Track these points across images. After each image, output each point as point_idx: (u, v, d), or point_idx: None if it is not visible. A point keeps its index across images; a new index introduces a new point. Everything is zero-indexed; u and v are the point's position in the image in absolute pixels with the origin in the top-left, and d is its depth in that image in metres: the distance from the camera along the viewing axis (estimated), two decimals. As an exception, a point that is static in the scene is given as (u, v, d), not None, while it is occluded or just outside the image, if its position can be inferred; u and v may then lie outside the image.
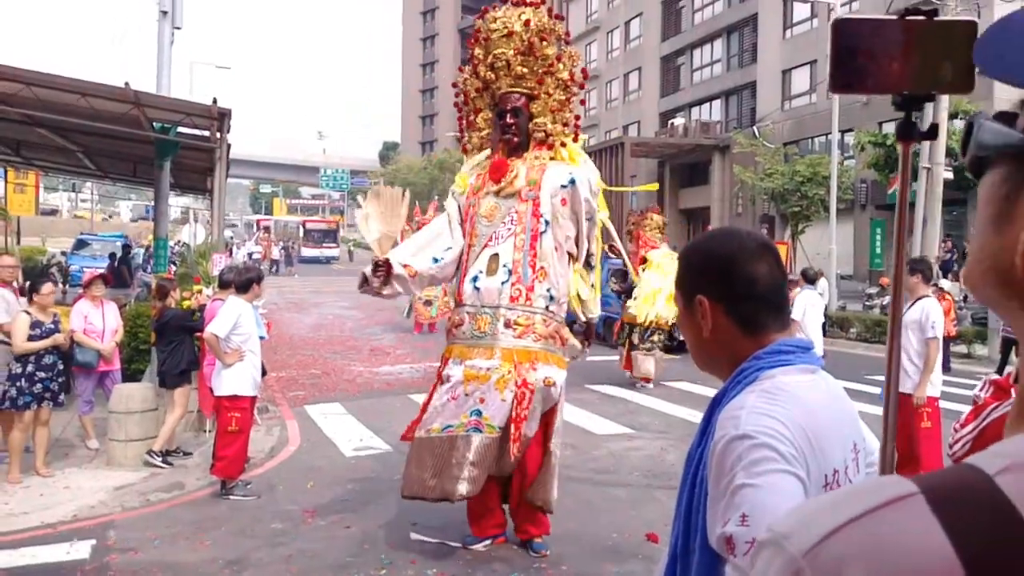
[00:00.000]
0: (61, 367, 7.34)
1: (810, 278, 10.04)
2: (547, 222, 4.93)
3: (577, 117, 5.29)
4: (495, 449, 4.82)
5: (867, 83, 1.18)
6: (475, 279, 4.88)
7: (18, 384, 7.01)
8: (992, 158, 0.61)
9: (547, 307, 4.90)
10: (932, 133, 1.20)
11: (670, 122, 40.13)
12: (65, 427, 8.37)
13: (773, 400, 1.37)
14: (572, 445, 8.41)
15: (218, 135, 9.96)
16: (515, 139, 5.02)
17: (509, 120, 4.97)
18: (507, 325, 4.80)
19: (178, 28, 11.96)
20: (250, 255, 44.91)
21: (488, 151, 5.38)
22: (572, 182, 5.01)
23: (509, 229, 4.89)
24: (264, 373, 7.66)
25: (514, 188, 4.92)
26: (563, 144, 5.18)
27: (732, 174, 31.12)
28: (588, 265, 5.19)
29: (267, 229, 58.34)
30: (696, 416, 2.49)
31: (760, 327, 1.50)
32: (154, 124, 10.33)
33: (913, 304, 6.57)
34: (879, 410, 5.59)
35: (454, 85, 5.41)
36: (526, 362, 4.80)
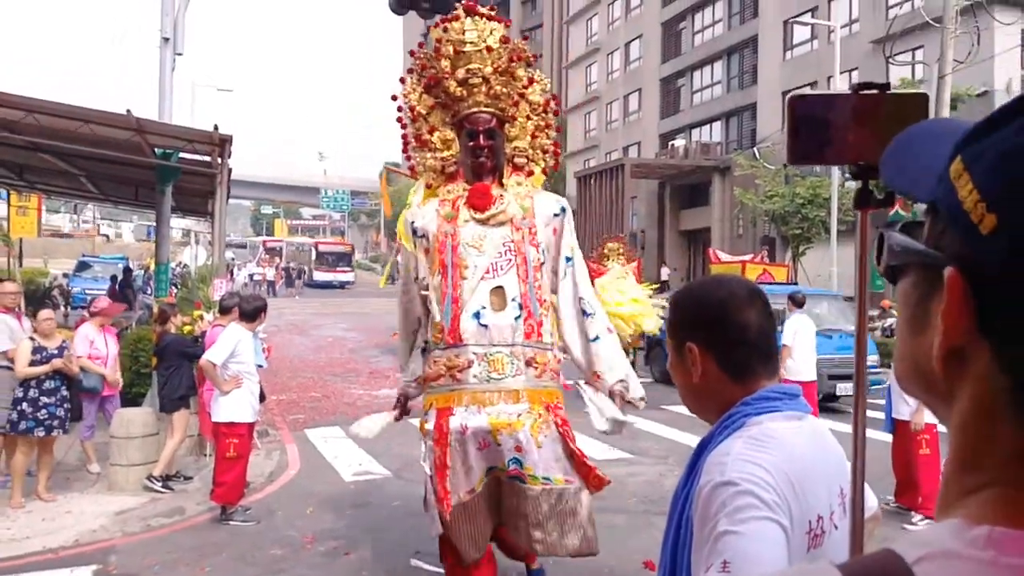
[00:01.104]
0: (65, 392, 7.37)
1: (799, 302, 10.07)
2: (545, 252, 4.54)
3: (555, 144, 4.88)
4: (557, 498, 4.38)
5: (824, 154, 1.24)
6: (478, 315, 4.32)
7: (20, 408, 7.06)
8: (902, 267, 0.66)
9: (552, 342, 4.51)
10: (889, 201, 1.25)
11: (670, 143, 40.30)
12: (67, 451, 8.41)
13: (759, 447, 1.40)
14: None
15: (219, 160, 10.06)
16: (488, 163, 4.50)
17: (483, 142, 4.47)
18: (528, 364, 4.33)
19: (179, 54, 12.08)
20: (251, 276, 45.00)
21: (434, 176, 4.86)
22: (563, 211, 4.63)
23: (509, 260, 4.40)
24: (263, 398, 7.70)
25: (507, 216, 4.44)
26: (545, 172, 4.87)
27: (733, 195, 31.22)
28: (583, 312, 4.61)
29: (275, 251, 57.64)
30: (696, 442, 2.39)
31: (750, 374, 1.53)
32: (156, 150, 10.43)
33: None
34: (881, 435, 5.63)
35: (394, 98, 4.79)
36: (552, 401, 4.41)
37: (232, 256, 49.22)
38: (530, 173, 4.68)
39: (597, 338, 4.55)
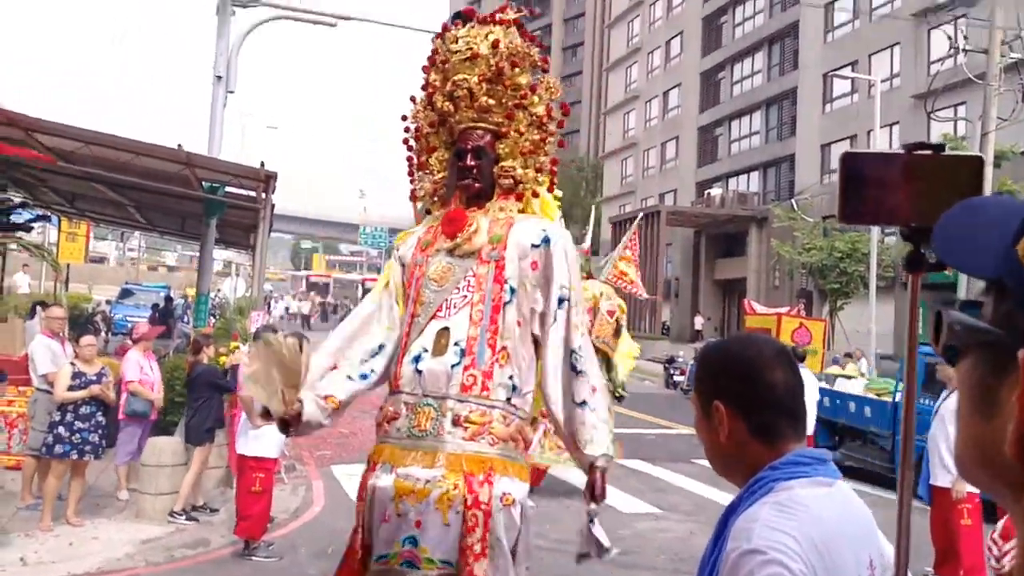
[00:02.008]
0: (101, 419, 7.46)
1: (799, 356, 9.95)
2: (512, 290, 3.69)
3: (554, 162, 4.20)
4: None
5: (876, 215, 1.23)
6: (417, 359, 3.60)
7: (56, 432, 7.15)
8: (963, 347, 0.64)
9: (508, 399, 3.62)
10: (941, 265, 1.24)
11: (707, 192, 40.26)
12: (98, 476, 8.48)
13: (787, 514, 1.37)
14: (598, 520, 8.33)
15: (263, 196, 10.25)
16: (476, 185, 3.86)
17: (470, 161, 3.85)
18: (456, 423, 3.52)
19: (231, 92, 12.39)
20: (287, 310, 45.43)
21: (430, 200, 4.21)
22: (546, 241, 3.77)
23: (464, 297, 3.68)
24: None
25: (473, 245, 3.74)
26: (535, 194, 4.07)
27: (769, 246, 31.05)
28: (573, 369, 3.70)
29: (318, 286, 57.97)
30: (727, 498, 2.10)
31: (777, 436, 1.51)
32: (203, 183, 10.66)
33: (951, 393, 6.41)
34: (919, 503, 5.39)
35: (403, 118, 4.25)
36: (479, 473, 3.50)
37: (271, 289, 49.77)
38: (520, 196, 3.97)
39: (584, 404, 3.68)
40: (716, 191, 39.39)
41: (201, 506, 7.98)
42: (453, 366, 3.57)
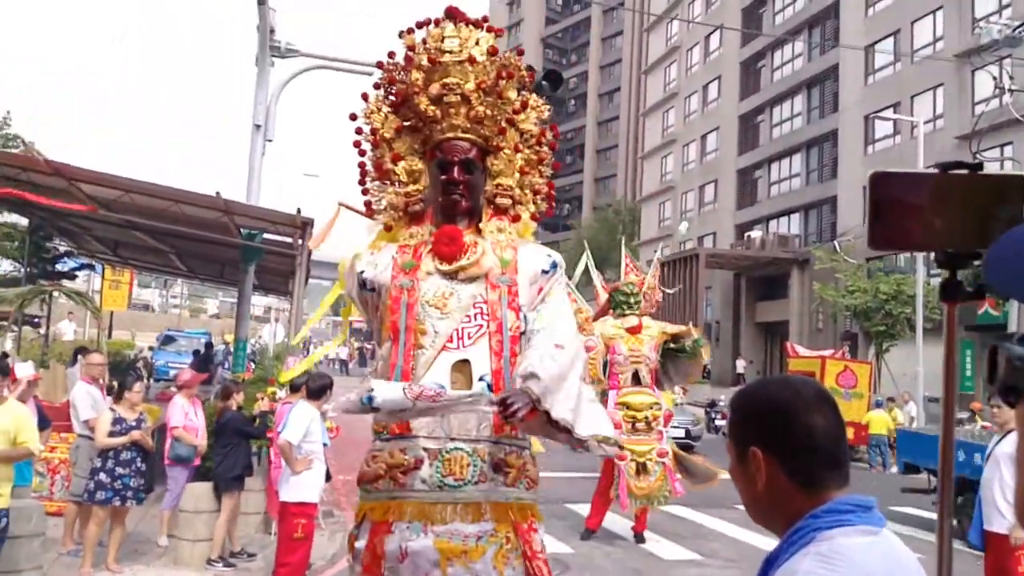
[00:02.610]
0: (141, 465, 7.46)
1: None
2: (527, 318, 3.37)
3: (551, 185, 3.80)
4: None
5: (908, 240, 1.14)
6: None
7: (97, 478, 7.16)
8: None
9: (526, 437, 3.38)
10: (979, 294, 1.14)
11: (747, 234, 39.99)
12: (138, 523, 8.49)
13: (829, 566, 1.29)
14: (636, 570, 8.13)
15: (300, 242, 10.34)
16: (463, 203, 3.45)
17: (457, 175, 3.42)
18: (497, 468, 3.17)
19: (270, 140, 12.61)
20: (326, 355, 45.70)
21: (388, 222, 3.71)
22: (554, 266, 3.51)
23: (480, 327, 3.28)
24: (328, 477, 7.65)
25: (481, 269, 3.34)
26: (535, 218, 3.76)
27: (812, 289, 30.62)
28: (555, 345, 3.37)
29: (361, 332, 58.47)
30: (770, 544, 2.00)
31: (817, 483, 1.42)
32: (241, 230, 10.81)
33: (1005, 436, 6.19)
34: (967, 548, 5.15)
35: (352, 117, 3.72)
36: (524, 521, 3.19)
37: (310, 335, 50.19)
38: (516, 218, 3.59)
39: (530, 345, 3.29)
40: (756, 233, 39.14)
41: (238, 552, 7.93)
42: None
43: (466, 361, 3.24)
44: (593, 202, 69.50)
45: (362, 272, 3.57)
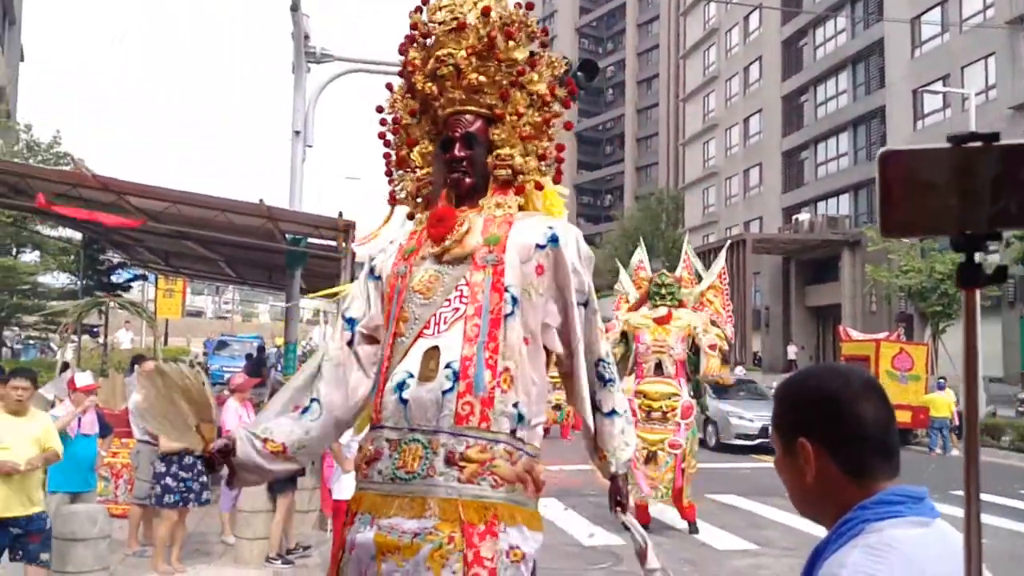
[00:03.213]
0: (202, 468, 7.64)
1: None
2: (515, 299, 3.07)
3: (560, 148, 3.46)
4: None
5: (922, 223, 1.08)
6: (401, 386, 2.98)
7: (163, 483, 7.36)
8: None
9: (513, 431, 3.01)
10: (1000, 276, 1.07)
11: (794, 217, 39.36)
12: (199, 522, 8.70)
13: (878, 558, 1.27)
14: (690, 561, 8.08)
15: (343, 245, 10.46)
16: (467, 180, 3.25)
17: (459, 152, 3.24)
18: (450, 461, 2.91)
19: (309, 146, 12.77)
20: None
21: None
22: (553, 240, 3.15)
23: (456, 310, 3.06)
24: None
25: (465, 249, 3.13)
26: (538, 186, 3.42)
27: (864, 270, 30.06)
28: (601, 379, 3.21)
29: None
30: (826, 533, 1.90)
31: (868, 473, 1.40)
32: (286, 236, 10.98)
33: None
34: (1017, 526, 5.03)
35: (379, 109, 3.56)
36: (480, 522, 2.88)
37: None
38: (520, 190, 3.31)
39: (614, 412, 3.19)
40: (804, 216, 38.49)
41: (294, 548, 8.08)
42: (445, 393, 2.93)
43: (436, 347, 3.00)
44: (635, 191, 69.02)
45: (373, 259, 3.45)
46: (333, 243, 10.91)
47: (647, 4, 72.21)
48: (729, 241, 20.90)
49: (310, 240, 11.06)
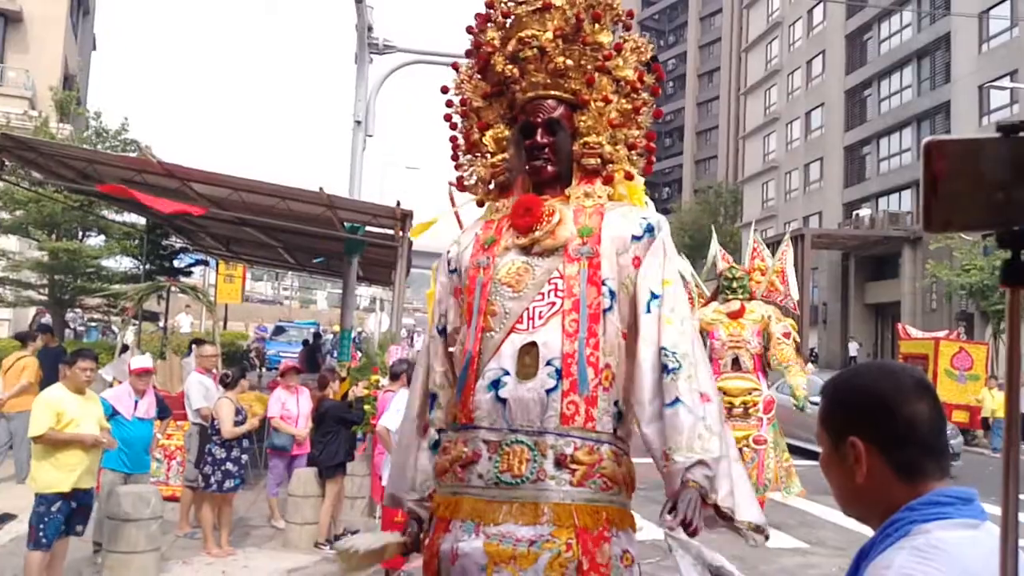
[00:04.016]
0: (240, 454, 7.84)
1: None
2: (612, 293, 2.90)
3: (650, 136, 3.26)
4: None
5: (968, 219, 1.04)
6: (496, 384, 2.82)
7: (224, 468, 7.52)
8: None
9: (615, 431, 2.84)
10: None
11: (855, 213, 38.59)
12: (249, 507, 8.89)
13: (925, 560, 1.25)
14: (739, 557, 7.99)
15: (400, 234, 10.58)
16: (549, 167, 3.06)
17: (541, 139, 3.04)
18: (560, 464, 2.73)
19: (370, 136, 12.92)
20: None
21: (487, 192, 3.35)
22: (650, 230, 2.98)
23: (552, 304, 2.86)
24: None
25: (557, 240, 2.93)
26: (629, 176, 3.20)
27: (924, 268, 29.37)
28: (664, 368, 2.85)
29: None
30: None
31: (919, 474, 1.38)
32: (344, 224, 11.14)
33: None
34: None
35: (443, 90, 3.41)
36: (594, 528, 2.71)
37: (413, 323, 51.06)
38: (609, 179, 3.12)
39: (677, 401, 2.75)
40: (865, 212, 37.76)
41: (341, 534, 8.20)
42: (549, 391, 2.76)
43: (534, 344, 2.83)
44: (694, 184, 68.29)
45: (448, 252, 3.27)
46: (391, 232, 11.04)
47: (709, -3, 71.30)
48: (790, 231, 20.44)
49: (368, 228, 11.21)
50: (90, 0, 34.55)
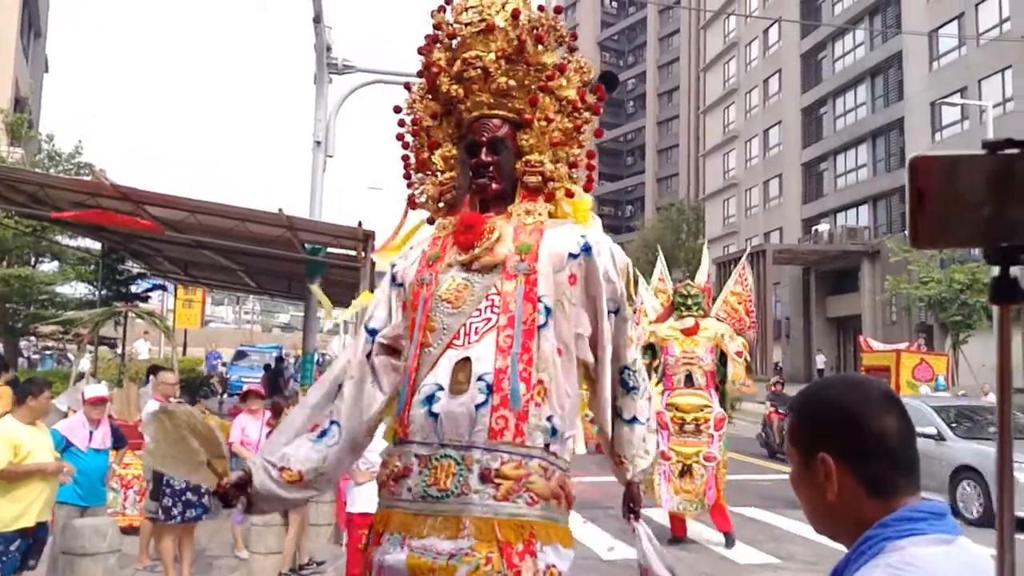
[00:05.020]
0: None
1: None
2: (548, 310, 2.97)
3: (591, 155, 3.37)
4: None
5: (955, 234, 1.03)
6: (430, 399, 2.86)
7: (185, 498, 7.29)
8: None
9: (547, 446, 2.90)
10: None
11: (814, 228, 39.23)
12: (211, 537, 8.67)
13: None
14: (709, 575, 7.98)
15: (363, 254, 10.47)
16: (493, 185, 3.14)
17: (485, 157, 3.13)
18: (485, 478, 2.80)
19: (330, 156, 12.81)
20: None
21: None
22: (586, 249, 3.04)
23: (488, 320, 2.94)
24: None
25: (496, 257, 3.01)
26: (569, 193, 3.28)
27: (884, 281, 29.89)
28: (625, 385, 3.13)
29: None
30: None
31: (890, 490, 1.35)
32: (305, 245, 10.99)
33: None
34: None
35: (396, 110, 3.45)
36: (517, 541, 2.77)
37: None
38: (550, 197, 3.21)
39: (634, 420, 3.06)
40: (824, 227, 38.42)
41: (307, 564, 8.03)
42: (478, 406, 2.80)
43: (467, 359, 2.88)
44: (656, 202, 68.95)
45: (394, 266, 3.30)
46: (352, 253, 10.92)
47: (668, 18, 72.26)
48: (749, 250, 20.67)
49: (329, 250, 11.07)
50: (42, 22, 34.03)
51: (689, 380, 9.04)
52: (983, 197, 1.03)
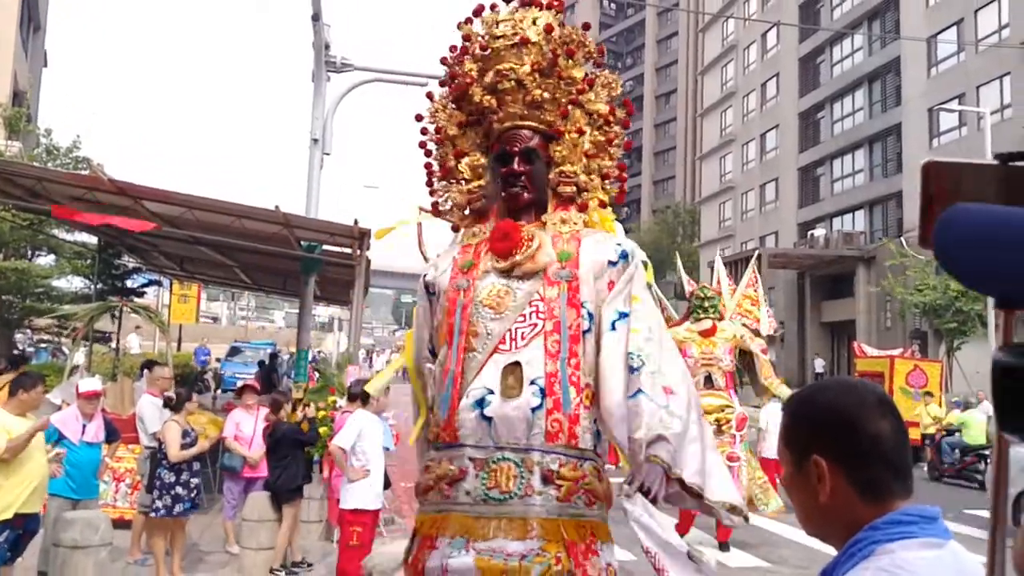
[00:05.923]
0: (190, 477, 7.59)
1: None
2: (591, 315, 3.03)
3: (622, 167, 3.48)
4: None
5: None
6: (481, 403, 2.90)
7: (174, 492, 7.27)
8: None
9: (595, 448, 2.99)
10: None
11: (810, 233, 39.24)
12: (203, 531, 8.65)
13: None
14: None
15: (358, 252, 10.46)
16: (525, 195, 3.20)
17: (518, 167, 3.18)
18: (547, 480, 2.84)
19: (327, 154, 12.79)
20: (387, 363, 46.23)
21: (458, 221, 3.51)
22: (624, 256, 3.13)
23: (534, 326, 2.98)
24: (388, 484, 7.68)
25: (537, 264, 3.05)
26: (603, 204, 3.41)
27: (879, 287, 29.91)
28: (629, 368, 3.05)
29: None
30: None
31: (882, 493, 1.35)
32: (301, 243, 10.98)
33: None
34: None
35: (418, 118, 3.52)
36: (581, 541, 2.83)
37: (372, 343, 50.70)
38: (583, 207, 3.29)
39: (639, 392, 2.90)
40: (820, 231, 38.41)
41: (299, 561, 8.02)
42: (534, 410, 2.85)
43: (517, 363, 2.94)
44: (652, 205, 68.95)
45: (426, 276, 3.39)
46: (348, 250, 10.91)
47: (666, 20, 72.28)
48: (757, 252, 20.72)
49: (325, 247, 11.06)
50: (41, 16, 33.93)
51: (709, 381, 9.03)
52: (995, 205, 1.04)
